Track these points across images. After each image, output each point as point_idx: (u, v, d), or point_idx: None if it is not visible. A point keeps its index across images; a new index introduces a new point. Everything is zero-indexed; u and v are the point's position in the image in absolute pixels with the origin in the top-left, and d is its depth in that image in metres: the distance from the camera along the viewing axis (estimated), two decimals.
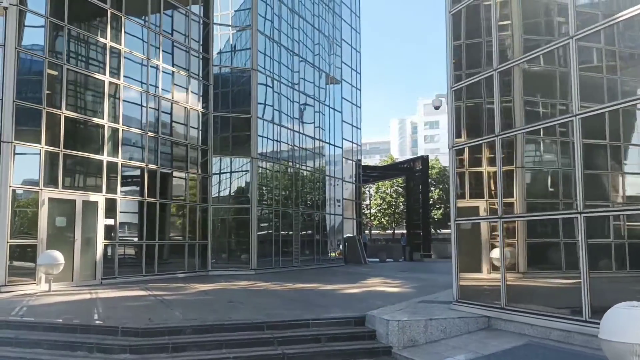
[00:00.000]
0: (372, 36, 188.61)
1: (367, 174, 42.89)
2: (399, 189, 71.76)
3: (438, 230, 64.28)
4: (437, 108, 17.85)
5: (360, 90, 36.66)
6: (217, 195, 24.06)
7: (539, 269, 9.81)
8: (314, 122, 29.77)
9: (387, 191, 72.68)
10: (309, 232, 29.18)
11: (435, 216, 65.21)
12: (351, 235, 34.59)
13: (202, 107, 23.47)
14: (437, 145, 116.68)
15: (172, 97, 21.78)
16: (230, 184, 25.05)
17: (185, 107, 22.49)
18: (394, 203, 72.54)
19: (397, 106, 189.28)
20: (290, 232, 27.05)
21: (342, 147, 32.64)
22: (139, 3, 20.79)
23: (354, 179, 35.46)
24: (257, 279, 20.67)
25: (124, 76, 19.56)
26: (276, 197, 26.27)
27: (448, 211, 67.99)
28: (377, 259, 37.53)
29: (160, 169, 20.88)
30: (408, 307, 11.32)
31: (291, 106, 27.50)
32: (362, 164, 38.75)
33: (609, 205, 8.54)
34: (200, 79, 23.52)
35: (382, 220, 73.57)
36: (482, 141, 10.36)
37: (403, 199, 71.12)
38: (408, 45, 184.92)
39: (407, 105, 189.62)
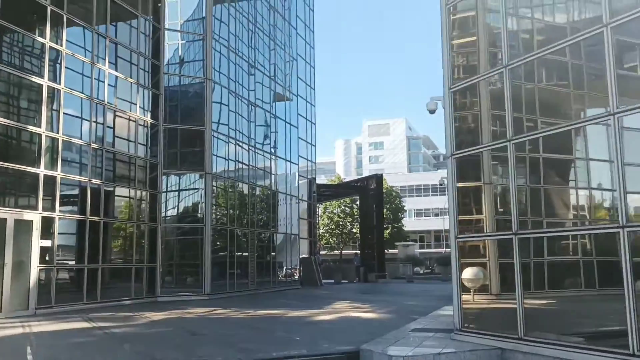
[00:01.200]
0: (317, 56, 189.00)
1: (320, 193, 41.64)
2: (347, 209, 71.03)
3: (386, 250, 63.71)
4: (432, 112, 16.70)
5: (314, 106, 35.53)
6: (167, 214, 22.08)
7: (558, 290, 8.71)
8: (270, 138, 28.29)
9: (334, 211, 71.69)
10: (265, 253, 27.48)
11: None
12: (306, 256, 33.08)
13: (152, 118, 21.57)
14: (382, 166, 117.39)
15: (119, 106, 19.82)
16: (182, 201, 23.14)
17: (133, 118, 20.56)
18: (341, 223, 71.67)
19: (341, 127, 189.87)
20: (245, 254, 25.30)
21: (297, 164, 31.27)
22: (83, 2, 18.88)
23: (309, 197, 34.09)
24: (213, 304, 18.82)
25: (66, 81, 17.53)
26: (231, 216, 24.52)
27: (395, 231, 67.60)
28: (332, 281, 36.11)
29: (105, 184, 18.83)
30: (403, 338, 9.96)
31: (247, 120, 25.94)
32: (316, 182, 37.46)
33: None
34: (150, 87, 21.66)
35: (330, 240, 72.47)
36: (490, 147, 9.23)
37: (351, 219, 70.49)
38: (353, 66, 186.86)
39: (352, 126, 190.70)
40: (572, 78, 8.87)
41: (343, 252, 71.19)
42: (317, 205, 66.76)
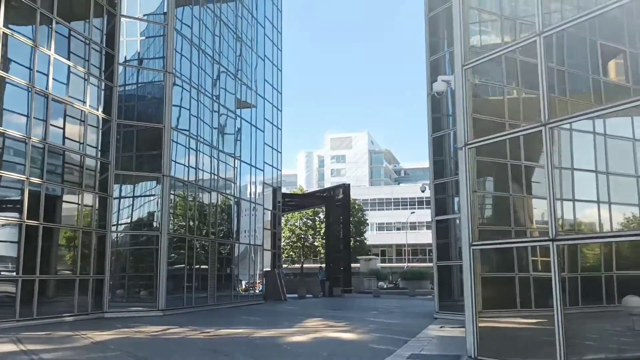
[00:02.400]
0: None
1: (285, 203, 39.68)
2: (309, 221, 69.27)
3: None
4: (439, 94, 14.54)
5: (281, 111, 33.70)
6: (119, 221, 19.82)
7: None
8: (235, 141, 26.31)
9: (296, 223, 69.72)
10: (226, 265, 25.37)
11: None
12: (269, 269, 31.04)
13: (104, 113, 19.38)
14: (344, 180, 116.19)
15: (66, 98, 17.60)
16: (136, 208, 20.90)
17: (82, 111, 18.34)
18: (303, 236, 69.75)
19: (304, 140, 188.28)
20: (205, 266, 23.15)
21: (263, 171, 29.34)
22: None
23: (273, 206, 32.14)
24: (168, 322, 16.67)
25: (3, 63, 15.27)
26: (190, 224, 22.39)
27: (357, 244, 65.81)
28: (296, 295, 34.13)
29: (47, 185, 16.54)
30: None
31: (210, 120, 23.95)
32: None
33: None
34: (103, 79, 19.49)
35: (291, 253, 70.44)
36: (519, 134, 7.63)
37: (313, 232, 68.61)
38: (315, 77, 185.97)
39: (315, 139, 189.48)
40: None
41: (304, 265, 69.23)
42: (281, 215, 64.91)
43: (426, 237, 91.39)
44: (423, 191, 17.24)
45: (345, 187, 39.90)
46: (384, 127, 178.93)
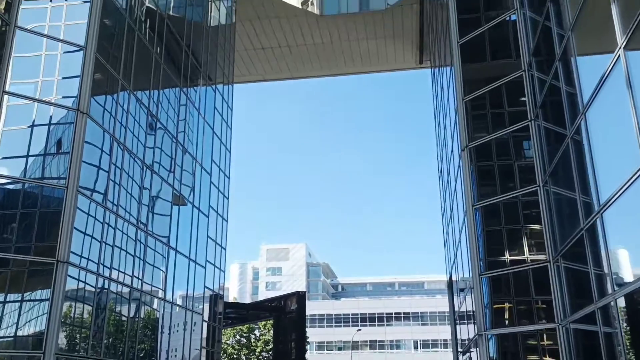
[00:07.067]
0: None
1: (226, 315, 31.97)
2: (242, 339, 60.69)
3: None
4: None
5: (228, 199, 27.27)
6: None
7: None
8: (170, 223, 19.38)
9: (228, 342, 60.44)
10: None
11: None
12: None
13: None
14: (279, 294, 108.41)
15: None
16: (7, 311, 13.25)
17: None
18: (235, 356, 60.47)
19: (237, 250, 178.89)
20: None
21: (205, 268, 22.16)
22: None
23: (213, 318, 24.52)
24: None
25: None
26: (96, 343, 14.72)
27: None
28: None
29: None
30: None
31: (138, 189, 17.18)
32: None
33: None
34: None
35: None
36: None
37: (247, 351, 59.64)
38: (252, 187, 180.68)
39: (249, 249, 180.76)
40: None
41: None
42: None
43: (373, 357, 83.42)
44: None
45: (300, 296, 32.91)
46: (321, 239, 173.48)
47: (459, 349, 21.73)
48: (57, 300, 12.93)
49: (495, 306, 13.86)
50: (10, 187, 13.59)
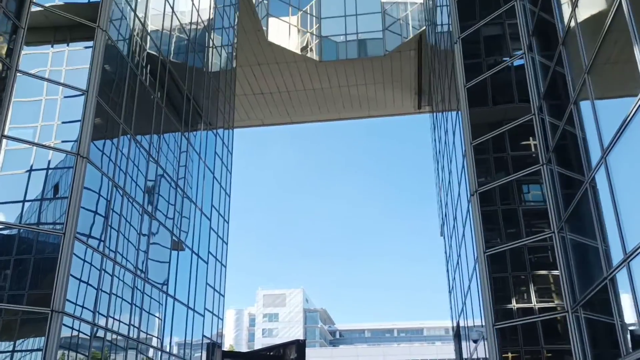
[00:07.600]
0: None
1: None
2: None
3: None
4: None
5: (227, 244, 26.71)
6: None
7: None
8: (168, 270, 18.82)
9: None
10: None
11: None
12: None
13: None
14: (276, 340, 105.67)
15: None
16: None
17: None
18: None
19: (233, 296, 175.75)
20: None
21: (203, 316, 21.44)
22: None
23: None
24: None
25: None
26: None
27: None
28: None
29: None
30: None
31: (136, 235, 16.71)
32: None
33: None
34: None
35: None
36: None
37: None
38: (248, 231, 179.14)
39: (246, 295, 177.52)
40: None
41: None
42: None
43: None
44: None
45: (300, 345, 31.80)
46: (318, 284, 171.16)
47: None
48: (50, 349, 12.28)
49: (510, 354, 13.27)
50: (5, 232, 13.14)
